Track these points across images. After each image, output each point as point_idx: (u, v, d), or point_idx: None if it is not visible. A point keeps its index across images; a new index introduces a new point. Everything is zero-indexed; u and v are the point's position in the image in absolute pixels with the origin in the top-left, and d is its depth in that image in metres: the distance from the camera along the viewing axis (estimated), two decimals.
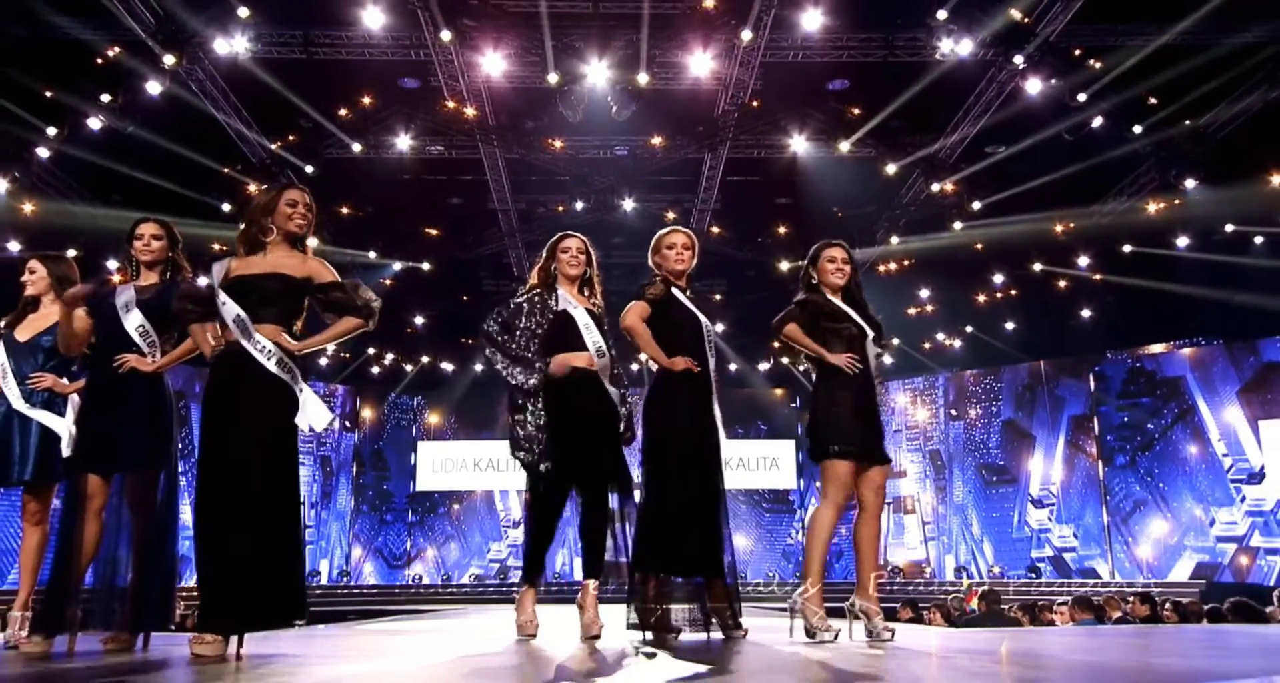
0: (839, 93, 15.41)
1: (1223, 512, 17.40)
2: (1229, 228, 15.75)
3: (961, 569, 19.91)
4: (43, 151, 13.68)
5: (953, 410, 21.44)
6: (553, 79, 13.80)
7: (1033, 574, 19.07)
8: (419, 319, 20.76)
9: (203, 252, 4.23)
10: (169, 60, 12.61)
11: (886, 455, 4.42)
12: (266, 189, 4.11)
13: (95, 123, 13.37)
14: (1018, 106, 14.18)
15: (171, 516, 4.23)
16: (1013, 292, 19.18)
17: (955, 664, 3.49)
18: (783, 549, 22.23)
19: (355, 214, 17.80)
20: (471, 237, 19.00)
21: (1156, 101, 13.73)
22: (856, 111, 15.22)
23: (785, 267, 17.98)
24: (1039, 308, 19.47)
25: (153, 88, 13.04)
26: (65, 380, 4.64)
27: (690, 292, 4.78)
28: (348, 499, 22.08)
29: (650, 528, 4.40)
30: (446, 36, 12.99)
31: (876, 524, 4.41)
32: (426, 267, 19.01)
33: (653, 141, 15.91)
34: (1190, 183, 14.72)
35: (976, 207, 16.56)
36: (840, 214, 18.05)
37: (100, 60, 12.90)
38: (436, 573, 21.97)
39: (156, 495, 4.13)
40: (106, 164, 13.89)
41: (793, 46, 13.77)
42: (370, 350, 21.24)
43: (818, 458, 4.32)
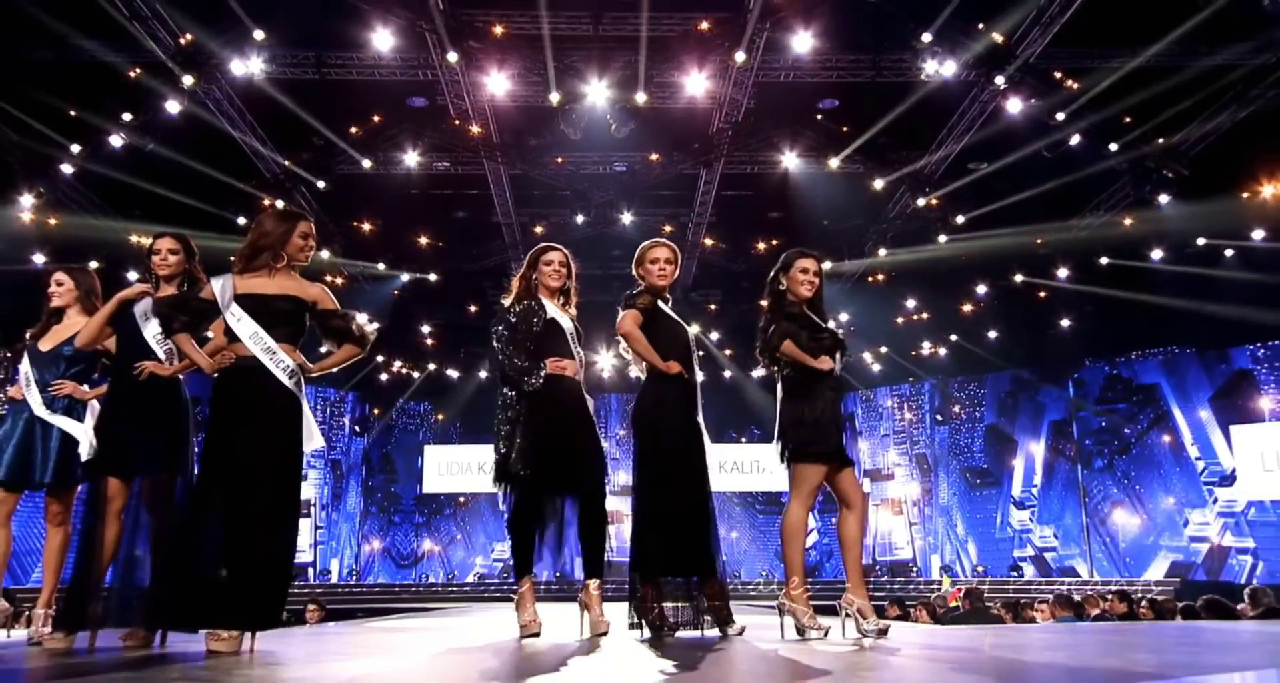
0: (828, 111, 15.45)
1: (1196, 513, 17.43)
2: (1201, 241, 15.79)
3: (946, 569, 19.90)
4: (67, 168, 13.71)
5: (938, 415, 21.46)
6: (554, 98, 13.82)
7: (1015, 573, 19.07)
8: (425, 328, 20.78)
9: (221, 264, 4.20)
10: (188, 81, 12.64)
11: (850, 459, 4.44)
12: (278, 216, 4.06)
13: (117, 140, 13.40)
14: (999, 125, 14.19)
15: None
16: (995, 302, 19.19)
17: (941, 660, 3.49)
18: (775, 549, 22.19)
19: (365, 227, 17.82)
20: (476, 249, 19.02)
21: (1131, 121, 13.78)
22: (845, 129, 15.26)
23: None
24: (1020, 318, 19.49)
25: (172, 107, 13.06)
26: (85, 388, 4.64)
27: (676, 302, 4.79)
28: (357, 501, 22.07)
29: (645, 531, 4.40)
30: (453, 58, 13.01)
31: (860, 518, 4.42)
32: (433, 278, 19.04)
33: (650, 158, 15.96)
34: (1164, 198, 14.76)
35: (960, 220, 16.59)
36: (830, 227, 18.07)
37: (122, 81, 12.92)
38: (443, 572, 21.94)
39: (174, 498, 4.12)
40: (128, 180, 13.91)
41: (784, 67, 13.79)
42: (379, 358, 21.22)
43: (795, 460, 4.31)
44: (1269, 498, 16.58)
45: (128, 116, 13.22)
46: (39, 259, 14.13)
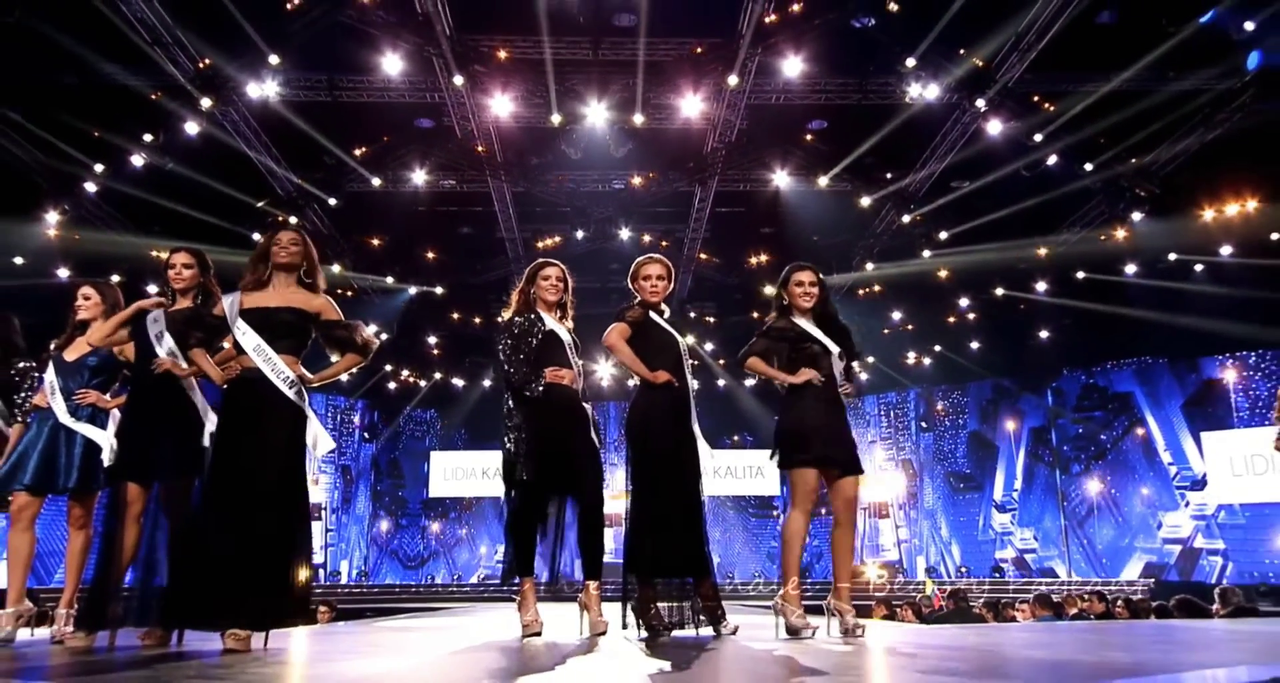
0: (817, 132, 15.49)
1: (1169, 516, 17.44)
2: (1172, 256, 15.86)
3: (931, 570, 19.86)
4: (90, 186, 13.76)
5: (923, 423, 21.46)
6: (556, 119, 13.87)
7: (997, 574, 19.04)
8: (432, 339, 20.77)
9: (236, 278, 4.24)
10: (206, 103, 12.67)
11: (857, 466, 4.37)
12: (268, 232, 4.14)
13: (138, 160, 13.45)
14: (980, 146, 14.27)
15: None
16: (976, 315, 19.22)
17: (926, 658, 3.49)
18: (767, 551, 22.18)
19: (374, 242, 17.84)
20: (480, 263, 19.04)
21: (1105, 142, 13.84)
22: (832, 149, 15.31)
23: (770, 290, 17.99)
24: (1001, 329, 19.52)
25: (191, 128, 13.11)
26: (108, 397, 4.64)
27: (674, 313, 4.79)
28: (366, 505, 22.02)
29: (639, 534, 4.40)
30: (459, 81, 13.05)
31: (848, 532, 4.38)
32: (439, 290, 19.05)
33: (648, 176, 15.98)
34: (1137, 215, 14.84)
35: (944, 236, 16.66)
36: (819, 242, 18.10)
37: (144, 103, 12.96)
38: (448, 573, 21.87)
39: (190, 502, 4.12)
40: (148, 197, 13.94)
41: (775, 90, 13.85)
42: (387, 367, 21.21)
43: (783, 467, 4.34)
44: (1238, 501, 16.59)
45: (148, 137, 13.26)
46: (63, 273, 14.15)
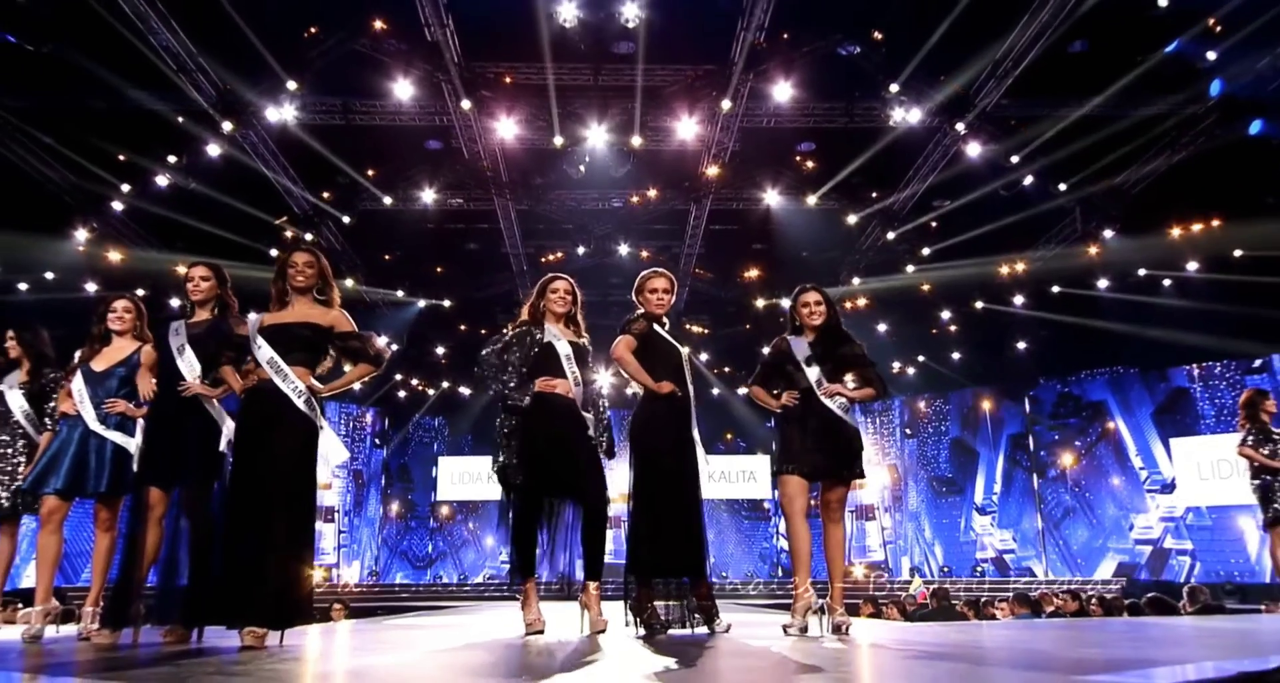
0: (806, 153, 15.54)
1: (1140, 518, 17.42)
2: (1142, 271, 15.89)
3: (915, 570, 19.82)
4: (117, 205, 13.80)
5: (907, 430, 21.44)
6: (558, 141, 13.90)
7: (978, 574, 19.01)
8: (440, 350, 20.75)
9: (254, 291, 4.27)
10: (227, 126, 12.71)
11: (845, 476, 4.38)
12: (282, 253, 4.15)
13: (162, 180, 13.49)
14: (960, 167, 14.31)
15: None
16: (957, 327, 19.24)
17: (913, 654, 3.49)
18: (759, 552, 22.13)
19: (385, 258, 17.86)
20: (486, 278, 19.03)
21: (1078, 163, 13.89)
22: (820, 169, 15.36)
23: (761, 303, 18.05)
24: (981, 340, 19.52)
25: (212, 150, 13.16)
26: (134, 405, 4.64)
27: (671, 325, 4.80)
28: (377, 508, 21.95)
29: (639, 536, 4.40)
30: (466, 105, 13.10)
31: (833, 534, 4.41)
32: (447, 303, 19.06)
33: (645, 195, 16.01)
34: (1108, 233, 14.89)
35: (926, 252, 16.70)
36: (808, 257, 18.14)
37: (168, 127, 13.00)
38: (455, 573, 21.79)
39: (210, 506, 4.12)
40: (171, 215, 13.98)
41: (766, 114, 13.89)
42: (397, 376, 21.19)
43: (776, 474, 4.44)
44: (1205, 504, 16.58)
45: (172, 158, 13.33)
46: (91, 287, 14.16)
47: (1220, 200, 14.00)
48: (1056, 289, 16.98)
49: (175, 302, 12.93)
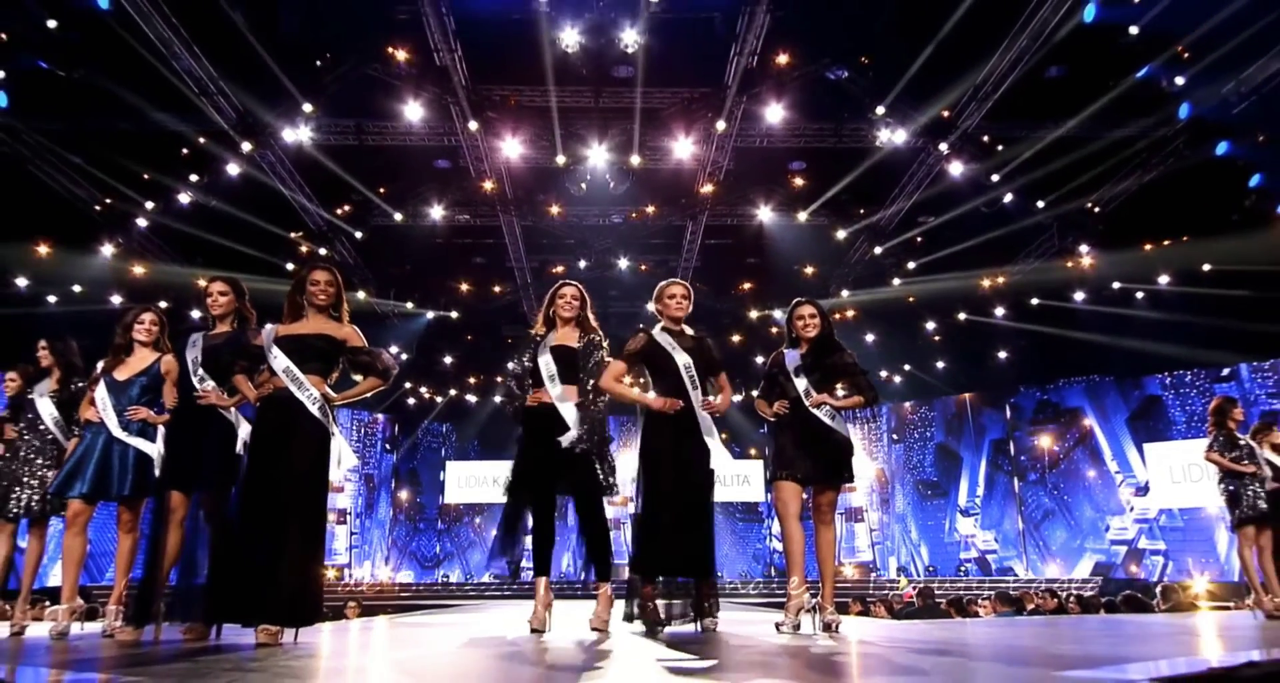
0: (797, 172, 15.55)
1: (1115, 520, 17.42)
2: (1116, 285, 15.91)
3: (902, 570, 19.79)
4: (142, 222, 13.82)
5: (894, 435, 21.44)
6: (560, 160, 13.93)
7: (961, 573, 18.98)
8: (448, 359, 20.75)
9: (272, 304, 4.28)
10: (246, 147, 12.74)
11: (835, 480, 4.37)
12: (302, 268, 4.15)
13: (185, 198, 13.51)
14: (943, 185, 14.34)
15: None
16: (941, 337, 19.26)
17: (900, 649, 3.49)
18: (753, 553, 22.07)
19: (396, 271, 17.87)
20: (492, 290, 19.04)
21: (1056, 182, 13.92)
22: (811, 187, 15.38)
23: (754, 315, 18.07)
24: (964, 350, 19.54)
25: (232, 169, 13.18)
26: (155, 413, 4.64)
27: (691, 330, 4.72)
28: (387, 510, 21.90)
29: (639, 538, 4.40)
30: (473, 126, 13.14)
31: (824, 536, 4.41)
32: (454, 315, 19.05)
33: (644, 211, 16.03)
34: (1084, 248, 14.91)
35: (912, 266, 16.71)
36: (799, 271, 18.17)
37: (190, 147, 13.04)
38: (462, 573, 21.74)
39: (228, 509, 4.12)
40: (193, 231, 14.00)
41: (759, 134, 13.93)
42: (407, 384, 21.17)
43: (769, 480, 4.43)
44: (1177, 506, 16.58)
45: (194, 177, 13.35)
46: (116, 299, 14.17)
47: (1190, 217, 14.05)
48: (1035, 301, 16.99)
49: (196, 313, 12.93)
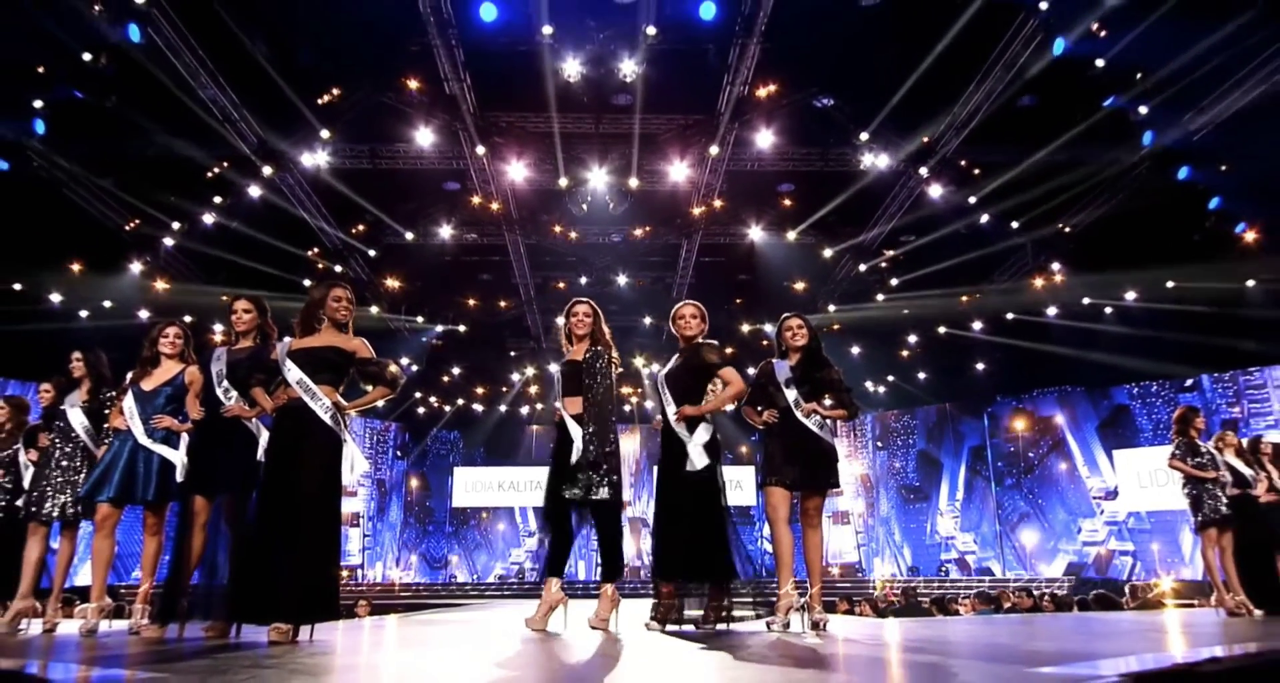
0: (786, 194, 15.63)
1: (1087, 522, 17.39)
2: (1086, 301, 15.95)
3: (887, 577, 19.72)
4: (168, 241, 13.83)
5: (878, 442, 21.42)
6: (563, 182, 13.99)
7: (942, 573, 18.92)
8: (456, 370, 20.73)
9: (292, 318, 4.31)
10: (267, 171, 12.79)
11: (822, 486, 4.37)
12: (318, 284, 4.16)
13: (208, 218, 13.53)
14: (924, 207, 14.40)
15: None
16: (922, 350, 19.28)
17: (883, 647, 3.49)
18: (744, 554, 21.91)
19: (407, 288, 17.90)
20: (497, 305, 19.07)
21: (1029, 204, 13.97)
22: (799, 208, 15.44)
23: (746, 328, 18.09)
24: (944, 362, 19.55)
25: (253, 191, 13.21)
26: (179, 421, 4.65)
27: (656, 348, 4.75)
28: (398, 514, 21.82)
29: (655, 545, 4.46)
30: (481, 151, 13.21)
31: (812, 539, 4.43)
32: (462, 328, 19.05)
33: (642, 230, 16.08)
34: (1056, 266, 14.97)
35: (894, 283, 16.75)
36: (787, 287, 18.20)
37: (213, 171, 13.08)
38: (469, 574, 21.64)
39: (247, 513, 4.12)
40: (216, 251, 14.03)
41: (750, 158, 14.00)
42: (417, 394, 21.15)
43: (759, 486, 4.46)
44: (1144, 509, 16.58)
45: (218, 199, 13.37)
46: (144, 314, 14.17)
47: (1154, 237, 14.12)
48: (1010, 316, 17.02)
49: (218, 327, 12.93)
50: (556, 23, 11.12)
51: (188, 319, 12.83)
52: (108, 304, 14.28)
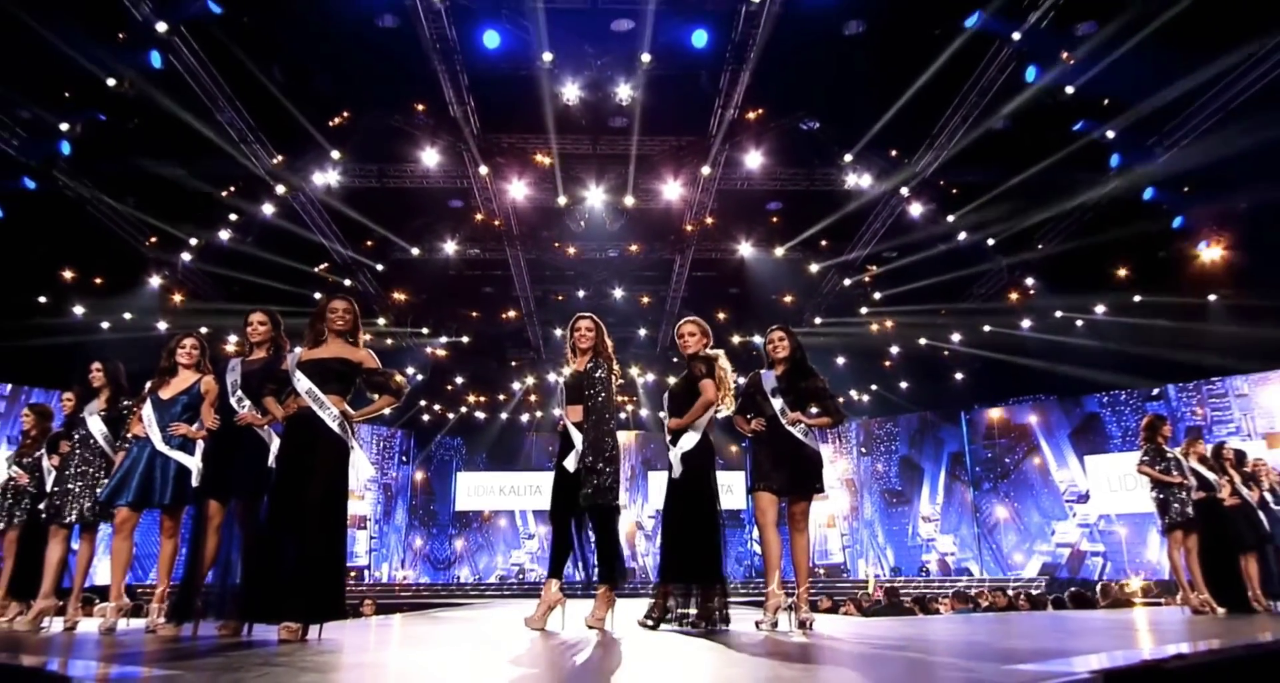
0: (775, 212, 15.67)
1: (1060, 524, 17.42)
2: (1058, 314, 16.03)
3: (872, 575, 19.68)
4: (185, 256, 13.82)
5: (862, 448, 21.43)
6: (562, 200, 13.99)
7: (923, 574, 18.89)
8: (459, 379, 20.70)
9: (300, 333, 4.33)
10: (280, 190, 12.79)
11: (808, 491, 4.38)
12: (324, 297, 4.17)
13: (224, 235, 13.52)
14: (906, 225, 14.44)
15: None
16: (904, 360, 19.32)
17: (867, 645, 3.49)
18: (735, 556, 21.93)
19: (413, 301, 17.89)
20: (499, 317, 19.05)
21: (1004, 222, 14.04)
22: (787, 226, 15.48)
23: (736, 340, 18.10)
24: (924, 372, 19.60)
25: (267, 209, 13.21)
26: (194, 428, 4.64)
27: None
28: (404, 517, 21.73)
29: (661, 550, 4.46)
30: (484, 170, 13.22)
31: (799, 542, 4.43)
32: (465, 339, 19.03)
33: (637, 246, 16.10)
34: (1030, 281, 15.04)
35: (878, 297, 16.80)
36: (775, 301, 18.23)
37: (229, 190, 13.08)
38: (471, 574, 21.54)
39: (259, 517, 4.11)
40: (230, 266, 14.02)
41: (740, 178, 14.00)
42: (422, 402, 21.10)
43: (749, 491, 4.45)
44: (1115, 512, 16.61)
45: (233, 217, 13.37)
46: (162, 325, 14.15)
47: (1122, 254, 14.21)
48: (988, 328, 17.09)
49: (233, 338, 12.91)
50: (556, 49, 11.16)
51: (203, 330, 12.85)
52: (127, 317, 14.26)
